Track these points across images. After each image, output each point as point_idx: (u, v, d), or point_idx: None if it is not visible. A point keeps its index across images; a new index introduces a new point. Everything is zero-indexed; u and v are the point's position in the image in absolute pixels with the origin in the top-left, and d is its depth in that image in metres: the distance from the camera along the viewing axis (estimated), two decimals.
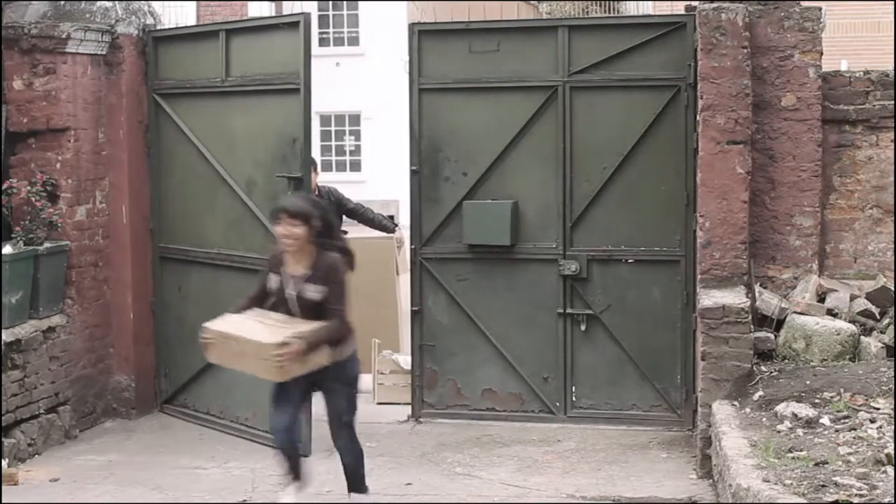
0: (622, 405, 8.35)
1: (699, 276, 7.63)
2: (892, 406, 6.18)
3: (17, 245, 8.00)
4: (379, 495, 7.02)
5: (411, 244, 8.66)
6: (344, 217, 8.78)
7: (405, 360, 9.17)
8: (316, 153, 24.22)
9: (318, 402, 8.64)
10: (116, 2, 8.92)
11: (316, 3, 25.53)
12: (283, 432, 6.35)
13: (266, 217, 8.17)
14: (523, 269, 8.46)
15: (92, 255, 8.70)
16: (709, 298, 7.22)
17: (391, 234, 9.13)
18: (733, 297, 7.19)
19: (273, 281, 6.30)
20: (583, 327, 8.37)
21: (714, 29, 7.55)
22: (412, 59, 8.59)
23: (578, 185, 8.32)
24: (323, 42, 26.84)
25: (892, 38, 14.30)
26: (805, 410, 6.26)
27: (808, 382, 6.75)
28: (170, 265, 9.03)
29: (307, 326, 6.09)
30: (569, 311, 8.37)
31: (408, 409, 8.78)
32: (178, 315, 8.99)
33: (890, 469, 5.18)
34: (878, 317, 7.46)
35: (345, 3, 27.34)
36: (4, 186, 8.23)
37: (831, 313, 7.43)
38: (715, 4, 7.60)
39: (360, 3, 27.01)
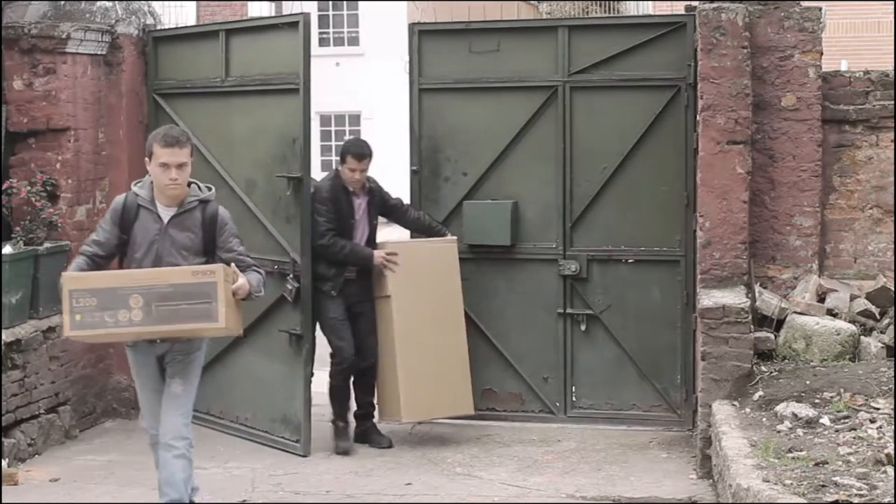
0: (622, 405, 8.35)
1: (699, 276, 7.63)
2: (892, 406, 6.18)
3: (17, 245, 8.00)
4: (379, 495, 7.03)
5: None
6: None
7: None
8: (315, 153, 24.40)
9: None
10: (116, 2, 8.92)
11: (316, 3, 25.57)
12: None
13: (266, 217, 8.17)
14: (523, 269, 8.45)
15: None
16: (709, 298, 7.22)
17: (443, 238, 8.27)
18: (733, 297, 7.19)
19: None
20: (583, 327, 8.36)
21: (714, 29, 7.55)
22: (412, 59, 8.59)
23: (578, 185, 8.32)
24: (323, 42, 26.86)
25: (892, 38, 14.31)
26: (805, 410, 6.26)
27: (808, 382, 6.75)
28: None
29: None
30: (569, 311, 8.37)
31: None
32: None
33: (890, 469, 5.18)
34: (878, 317, 7.46)
35: (345, 3, 27.36)
36: (4, 186, 8.22)
37: (831, 313, 7.43)
38: (715, 4, 7.60)
39: (360, 3, 27.05)
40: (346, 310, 7.95)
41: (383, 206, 8.20)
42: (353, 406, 8.13)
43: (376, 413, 8.11)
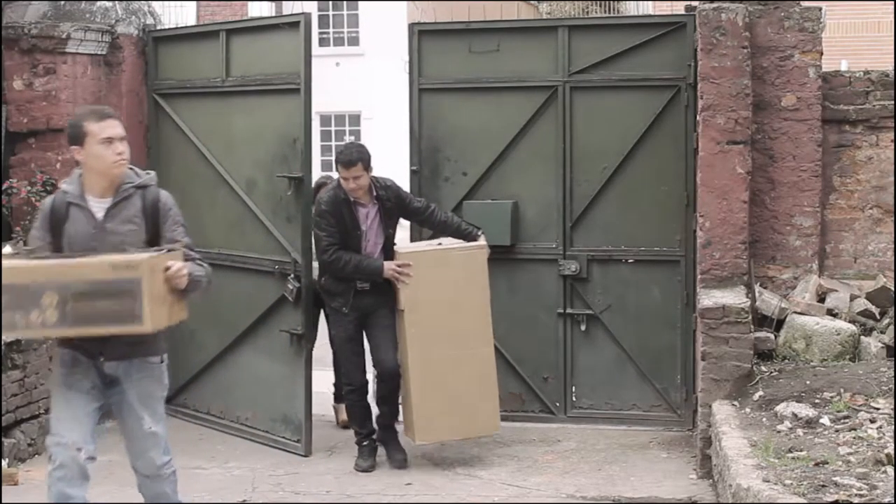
0: (622, 405, 8.35)
1: (699, 276, 7.63)
2: (892, 406, 6.18)
3: (17, 245, 8.00)
4: (379, 495, 7.03)
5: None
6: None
7: None
8: (316, 153, 24.40)
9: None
10: (116, 2, 8.93)
11: (316, 3, 25.59)
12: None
13: (266, 217, 8.17)
14: (523, 269, 8.45)
15: None
16: (709, 298, 7.22)
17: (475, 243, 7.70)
18: (733, 297, 7.19)
19: None
20: (583, 327, 8.36)
21: (714, 29, 7.56)
22: (412, 59, 8.59)
23: (578, 185, 8.32)
24: (323, 42, 26.88)
25: (892, 38, 14.31)
26: (805, 410, 6.26)
27: (808, 382, 6.75)
28: None
29: None
30: (569, 311, 8.37)
31: None
32: None
33: (890, 469, 5.18)
34: (878, 317, 7.46)
35: (345, 3, 27.38)
36: (4, 186, 8.23)
37: (831, 313, 7.43)
38: (715, 4, 7.60)
39: (360, 3, 27.07)
40: (361, 322, 7.52)
41: (404, 210, 7.64)
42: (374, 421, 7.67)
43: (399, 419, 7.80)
